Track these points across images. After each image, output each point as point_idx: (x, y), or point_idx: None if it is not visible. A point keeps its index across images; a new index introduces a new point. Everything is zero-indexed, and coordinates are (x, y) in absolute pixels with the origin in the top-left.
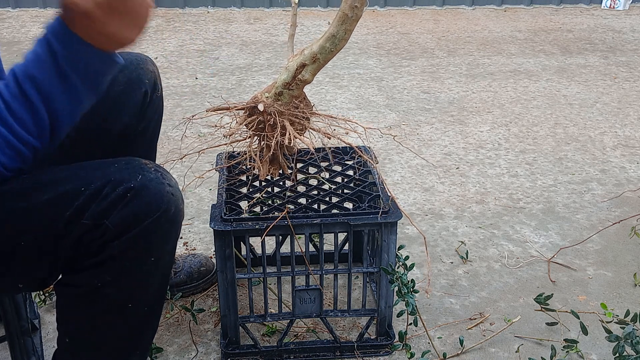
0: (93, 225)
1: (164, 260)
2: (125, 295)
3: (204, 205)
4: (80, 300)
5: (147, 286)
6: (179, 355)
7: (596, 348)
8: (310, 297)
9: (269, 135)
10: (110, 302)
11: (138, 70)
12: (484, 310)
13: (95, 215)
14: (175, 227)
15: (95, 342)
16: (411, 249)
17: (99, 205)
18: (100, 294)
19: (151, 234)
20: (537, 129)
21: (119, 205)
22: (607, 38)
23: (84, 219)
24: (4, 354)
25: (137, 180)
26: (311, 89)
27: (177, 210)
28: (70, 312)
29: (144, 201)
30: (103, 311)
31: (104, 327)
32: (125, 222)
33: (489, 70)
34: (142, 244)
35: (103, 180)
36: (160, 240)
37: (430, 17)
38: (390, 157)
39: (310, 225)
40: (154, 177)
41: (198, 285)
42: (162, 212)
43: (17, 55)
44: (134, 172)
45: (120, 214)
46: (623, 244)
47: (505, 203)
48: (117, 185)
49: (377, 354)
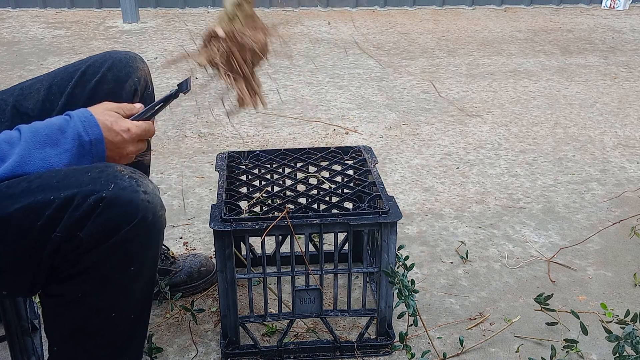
0: (67, 236)
1: (146, 268)
2: (108, 305)
3: (204, 205)
4: (63, 310)
5: (130, 295)
6: (179, 355)
7: (596, 348)
8: (310, 297)
9: (238, 61)
10: (93, 312)
11: (127, 69)
12: (484, 310)
13: (68, 227)
14: (153, 234)
15: (81, 352)
16: (411, 249)
17: (71, 216)
18: (83, 304)
19: (128, 243)
20: (537, 129)
21: (91, 216)
22: (607, 38)
23: (57, 231)
24: (4, 354)
25: (109, 189)
26: (311, 89)
27: (155, 218)
28: (55, 322)
29: (118, 211)
30: (87, 321)
31: (89, 337)
32: (99, 232)
33: (489, 70)
34: (120, 253)
35: (74, 189)
36: (139, 249)
37: (430, 17)
38: (390, 157)
39: (310, 225)
40: (127, 184)
41: (198, 285)
42: (138, 220)
43: (17, 55)
44: (107, 180)
45: (93, 225)
46: (623, 244)
47: (505, 203)
48: (89, 196)
49: (377, 354)
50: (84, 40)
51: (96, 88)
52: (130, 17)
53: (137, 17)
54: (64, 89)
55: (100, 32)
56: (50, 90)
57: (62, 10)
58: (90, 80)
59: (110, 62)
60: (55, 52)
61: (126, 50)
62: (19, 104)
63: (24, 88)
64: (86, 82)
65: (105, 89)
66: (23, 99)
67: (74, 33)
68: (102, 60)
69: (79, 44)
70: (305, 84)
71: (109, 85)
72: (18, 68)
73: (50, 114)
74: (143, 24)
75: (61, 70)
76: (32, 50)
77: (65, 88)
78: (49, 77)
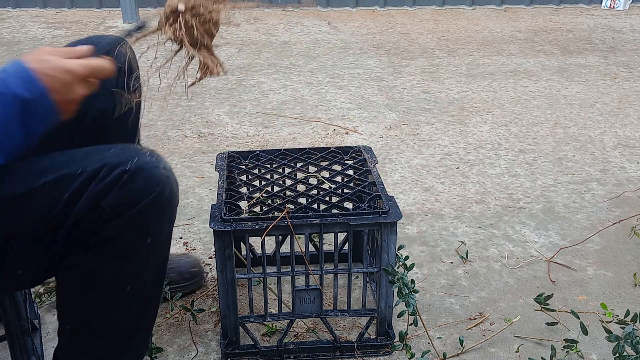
0: (90, 207)
1: (161, 244)
2: (124, 278)
3: (204, 205)
4: (80, 284)
5: (145, 269)
6: (179, 355)
7: (596, 348)
8: (310, 297)
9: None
10: (109, 285)
11: (110, 54)
12: (484, 310)
13: (93, 197)
14: (170, 209)
15: (96, 328)
16: (411, 249)
17: (95, 187)
18: (99, 276)
19: (147, 215)
20: (537, 129)
21: (115, 187)
22: (607, 38)
23: (81, 201)
24: (4, 354)
25: (132, 163)
26: (311, 89)
27: (171, 193)
28: (71, 298)
29: (139, 183)
30: (102, 295)
31: (103, 312)
32: (121, 203)
33: (489, 70)
34: (139, 225)
35: (100, 163)
36: (156, 221)
37: (430, 17)
38: (390, 157)
39: (310, 225)
40: (148, 160)
41: (188, 285)
42: (157, 194)
43: (17, 55)
44: (130, 155)
45: (116, 195)
46: (623, 244)
47: (505, 203)
48: (113, 168)
49: (377, 354)
50: None
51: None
52: (130, 17)
53: (137, 17)
54: None
55: (100, 32)
56: None
57: (62, 10)
58: None
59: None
60: None
61: (112, 35)
62: None
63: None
64: None
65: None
66: None
67: (74, 33)
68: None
69: None
70: (305, 84)
71: None
72: None
73: None
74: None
75: None
76: (32, 50)
77: None
78: None
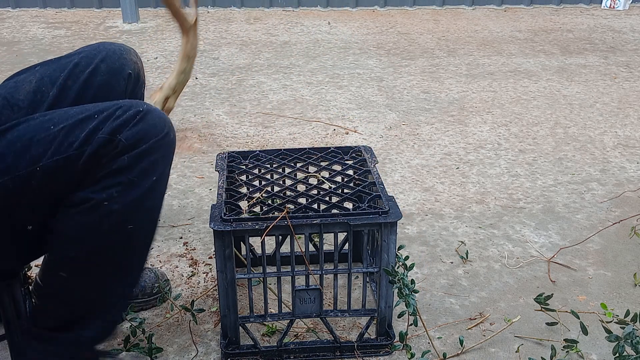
0: (107, 140)
1: (162, 185)
2: (127, 214)
3: (204, 205)
4: (84, 220)
5: (147, 208)
6: (179, 355)
7: (596, 348)
8: (310, 297)
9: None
10: (113, 220)
11: (121, 60)
12: (484, 310)
13: (109, 131)
14: (172, 150)
15: (94, 268)
16: (411, 249)
17: (112, 123)
18: (105, 210)
19: (155, 151)
20: (537, 129)
21: (130, 123)
22: (607, 38)
23: (98, 135)
24: (4, 354)
25: (143, 106)
26: (311, 89)
27: (174, 137)
28: (76, 232)
29: (151, 122)
30: (106, 230)
31: (104, 249)
32: (135, 137)
33: (489, 70)
34: (147, 159)
35: (115, 106)
36: (162, 160)
37: (430, 17)
38: (390, 157)
39: (310, 225)
40: (155, 107)
41: (149, 301)
42: (165, 133)
43: (17, 55)
44: (140, 101)
45: (131, 130)
46: (623, 244)
47: (505, 203)
48: (128, 109)
49: (377, 354)
50: (84, 40)
51: (89, 79)
52: (130, 17)
53: (137, 17)
54: (55, 80)
55: (100, 32)
56: (41, 82)
57: (62, 10)
58: (83, 72)
59: (104, 54)
60: (55, 52)
61: (121, 43)
62: (10, 95)
63: (17, 81)
64: (79, 73)
65: (98, 80)
66: (15, 90)
67: (74, 33)
68: (95, 52)
69: (79, 44)
70: (305, 84)
71: (102, 77)
72: (18, 68)
73: (41, 105)
74: (143, 24)
75: (54, 61)
76: (32, 50)
77: (57, 79)
78: (42, 68)
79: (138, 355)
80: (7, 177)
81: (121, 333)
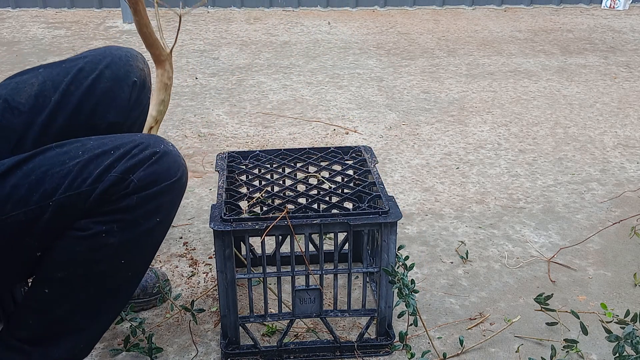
0: (119, 179)
1: (164, 226)
2: (122, 249)
3: (204, 205)
4: (79, 247)
5: (143, 246)
6: (179, 355)
7: (596, 348)
8: (310, 297)
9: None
10: (107, 252)
11: (126, 67)
12: (484, 310)
13: (123, 170)
14: (181, 195)
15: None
16: (411, 249)
17: (127, 162)
18: (102, 241)
19: (164, 195)
20: (537, 129)
21: (145, 164)
22: (607, 38)
23: (112, 172)
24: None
25: (160, 147)
26: (311, 89)
27: (185, 182)
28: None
29: (165, 166)
30: (98, 259)
31: (92, 276)
32: (147, 180)
33: (489, 70)
34: (155, 202)
35: (132, 144)
36: (169, 203)
37: (430, 17)
38: (390, 157)
39: (310, 225)
40: (172, 148)
41: (149, 301)
42: (177, 178)
43: (17, 55)
44: (158, 140)
45: (145, 172)
46: (623, 244)
47: (505, 203)
48: (145, 149)
49: (377, 354)
50: (84, 41)
51: (92, 86)
52: (130, 17)
53: None
54: (58, 85)
55: (100, 32)
56: (44, 85)
57: (62, 10)
58: (87, 77)
59: (109, 59)
60: (55, 52)
61: (128, 47)
62: (11, 97)
63: (19, 82)
64: (82, 79)
65: (102, 87)
66: (16, 92)
67: (74, 33)
68: (101, 57)
69: (79, 44)
70: (305, 84)
71: (106, 84)
72: (18, 68)
73: (42, 110)
74: None
75: (58, 64)
76: (32, 50)
77: (60, 84)
78: (46, 70)
79: (138, 355)
80: (20, 210)
81: (121, 333)
